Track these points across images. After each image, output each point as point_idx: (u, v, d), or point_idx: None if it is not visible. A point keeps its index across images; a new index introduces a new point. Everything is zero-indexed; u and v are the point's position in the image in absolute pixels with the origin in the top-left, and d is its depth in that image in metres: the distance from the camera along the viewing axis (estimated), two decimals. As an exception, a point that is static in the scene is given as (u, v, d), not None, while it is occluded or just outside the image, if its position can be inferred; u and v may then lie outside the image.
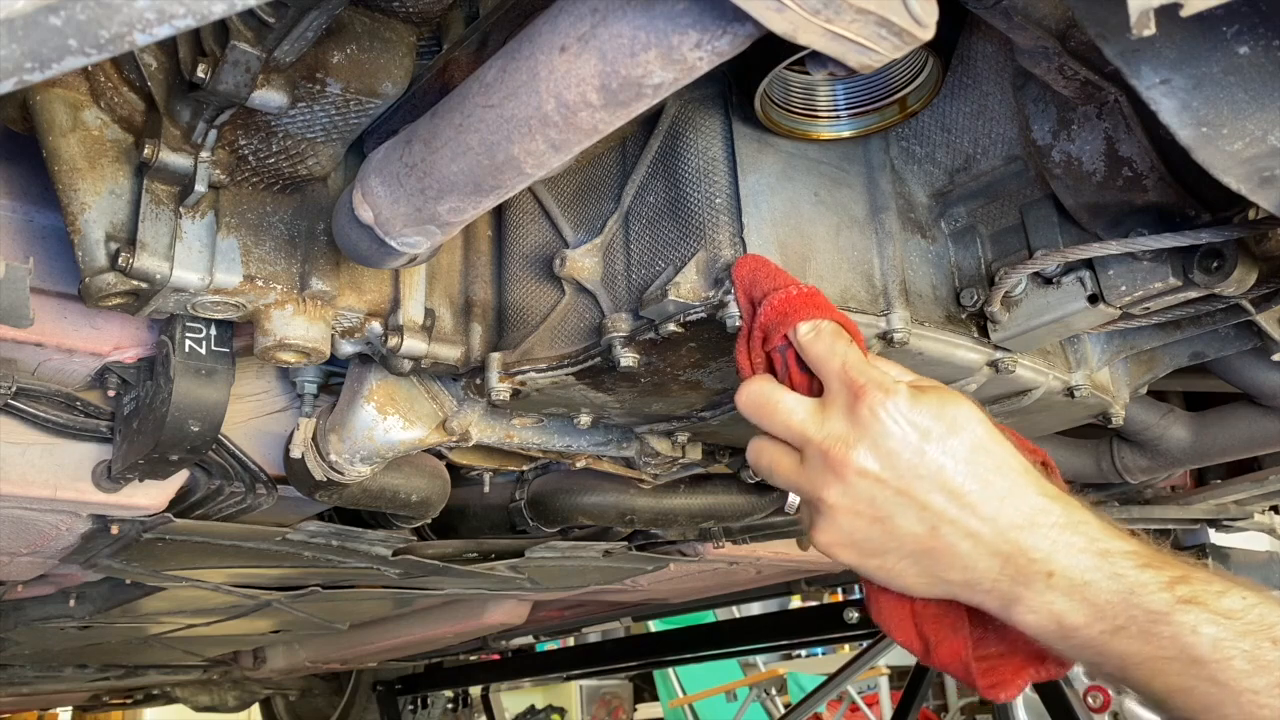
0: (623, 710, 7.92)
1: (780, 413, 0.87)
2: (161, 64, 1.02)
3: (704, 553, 2.32)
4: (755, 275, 0.93)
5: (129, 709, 6.05)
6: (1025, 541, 0.80)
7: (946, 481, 0.81)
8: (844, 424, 0.83)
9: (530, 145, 0.80)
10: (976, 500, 0.81)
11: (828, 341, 0.87)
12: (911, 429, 0.82)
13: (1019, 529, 0.81)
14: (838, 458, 0.83)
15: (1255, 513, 2.31)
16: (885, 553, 0.85)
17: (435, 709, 4.96)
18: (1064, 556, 0.80)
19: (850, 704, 6.44)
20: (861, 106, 1.07)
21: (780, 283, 0.92)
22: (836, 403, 0.85)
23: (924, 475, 0.81)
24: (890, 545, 0.84)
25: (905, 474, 0.82)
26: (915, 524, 0.82)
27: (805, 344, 0.87)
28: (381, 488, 1.51)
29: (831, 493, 0.83)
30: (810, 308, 0.89)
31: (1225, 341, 1.36)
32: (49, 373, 1.35)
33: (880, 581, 0.88)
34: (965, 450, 0.82)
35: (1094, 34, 0.73)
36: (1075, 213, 1.08)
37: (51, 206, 1.22)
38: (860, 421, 0.82)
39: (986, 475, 0.82)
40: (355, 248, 1.00)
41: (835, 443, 0.83)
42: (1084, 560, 0.79)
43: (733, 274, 0.95)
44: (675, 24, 0.67)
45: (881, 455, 0.82)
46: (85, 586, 2.29)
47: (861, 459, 0.82)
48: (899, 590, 0.87)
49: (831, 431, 0.84)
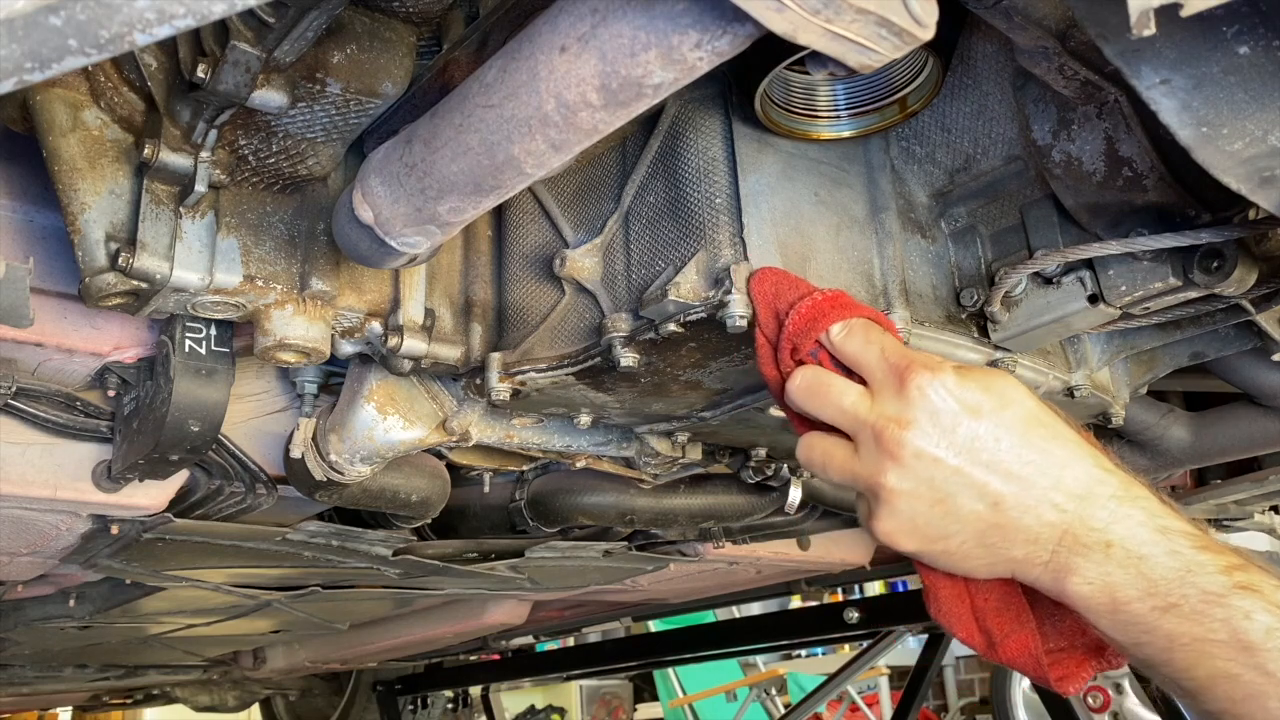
0: (623, 710, 7.92)
1: (833, 395, 0.85)
2: (161, 64, 1.02)
3: (704, 553, 2.32)
4: (778, 287, 0.93)
5: (129, 709, 6.05)
6: (1084, 511, 0.79)
7: (1003, 455, 0.80)
8: (895, 405, 0.82)
9: (530, 145, 0.80)
10: (1034, 472, 0.80)
11: (861, 335, 0.86)
12: (961, 405, 0.80)
13: (1078, 499, 0.79)
14: (892, 439, 0.81)
15: (1255, 513, 2.31)
16: (948, 535, 0.83)
17: (435, 709, 4.95)
18: (1122, 528, 0.78)
19: (850, 704, 6.44)
20: (861, 106, 1.07)
21: (804, 290, 0.91)
22: (884, 387, 0.83)
23: (980, 450, 0.80)
24: (953, 527, 0.82)
25: (961, 450, 0.80)
26: (975, 501, 0.81)
27: (839, 343, 0.86)
28: (381, 488, 1.51)
29: (889, 477, 0.82)
30: (838, 309, 0.89)
31: (1225, 341, 1.36)
32: (49, 373, 1.35)
33: (944, 567, 0.86)
34: (1019, 423, 0.81)
35: (1094, 34, 0.73)
36: (1075, 213, 1.08)
37: (51, 206, 1.22)
38: (910, 401, 0.81)
39: (1043, 445, 0.81)
40: (355, 248, 1.00)
41: (888, 423, 0.81)
42: (1142, 533, 0.78)
43: (751, 289, 0.94)
44: (675, 24, 0.67)
45: (936, 433, 0.80)
46: (85, 586, 2.29)
47: (916, 438, 0.80)
48: (963, 574, 0.86)
49: (884, 412, 0.82)
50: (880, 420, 0.82)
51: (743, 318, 0.98)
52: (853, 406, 0.84)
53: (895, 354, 0.84)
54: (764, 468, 1.64)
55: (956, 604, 0.87)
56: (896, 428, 0.81)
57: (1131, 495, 0.80)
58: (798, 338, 0.89)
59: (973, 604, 0.87)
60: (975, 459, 0.80)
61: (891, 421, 0.81)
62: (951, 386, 0.81)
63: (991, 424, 0.80)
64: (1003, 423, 0.81)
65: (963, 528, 0.82)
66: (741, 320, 0.98)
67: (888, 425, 0.81)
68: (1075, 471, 0.80)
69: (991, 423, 0.80)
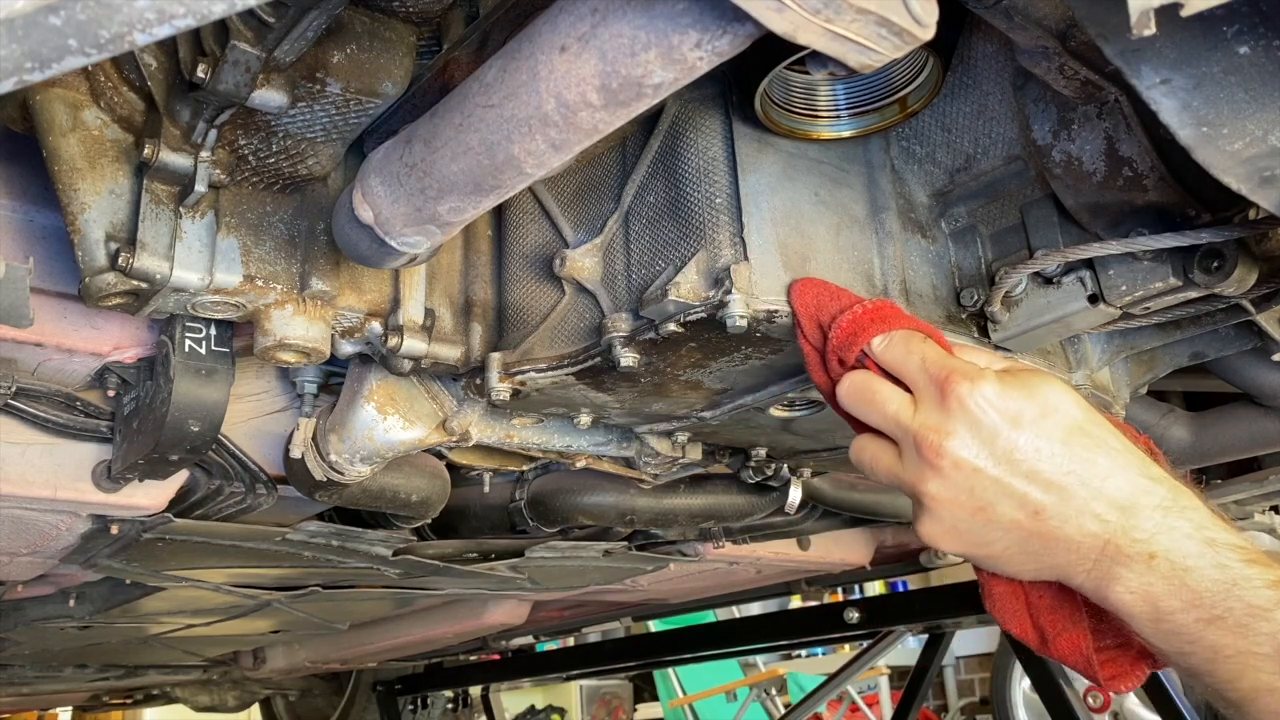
0: (623, 710, 7.92)
1: (878, 401, 0.87)
2: (161, 64, 1.02)
3: (704, 553, 2.32)
4: (819, 299, 0.94)
5: (129, 709, 6.05)
6: (1128, 522, 0.79)
7: (1043, 465, 0.80)
8: (936, 415, 0.83)
9: (530, 145, 0.80)
10: (1075, 482, 0.80)
11: (901, 346, 0.87)
12: (1001, 415, 0.81)
13: (1122, 510, 0.79)
14: (932, 448, 0.82)
15: (1255, 513, 2.31)
16: (991, 542, 0.84)
17: (435, 709, 4.95)
18: (1167, 539, 0.78)
19: (850, 704, 6.44)
20: (862, 106, 1.07)
21: (846, 302, 0.92)
22: (926, 396, 0.84)
23: (1019, 460, 0.80)
24: (994, 534, 0.83)
25: (1000, 461, 0.81)
26: (1015, 510, 0.81)
27: (880, 354, 0.88)
28: (381, 488, 1.51)
29: (930, 485, 0.83)
30: (880, 322, 0.90)
31: (1225, 341, 1.36)
32: (49, 373, 1.35)
33: (990, 568, 0.88)
34: (1061, 431, 0.81)
35: (1094, 34, 0.73)
36: (1075, 213, 1.08)
37: (51, 206, 1.22)
38: (950, 412, 0.82)
39: (1085, 454, 0.81)
40: (355, 247, 1.00)
41: (928, 433, 0.82)
42: (1188, 545, 0.78)
43: (792, 301, 0.95)
44: (675, 24, 0.67)
45: (974, 444, 0.81)
46: (85, 586, 2.29)
47: (955, 449, 0.81)
48: (1008, 575, 0.87)
49: (925, 421, 0.83)
50: (921, 430, 0.83)
51: (742, 318, 0.98)
52: (896, 414, 0.85)
53: (935, 364, 0.84)
54: (764, 468, 1.64)
55: (1011, 600, 0.89)
56: (936, 437, 0.82)
57: (1179, 505, 0.80)
58: (841, 350, 0.91)
59: (1027, 600, 0.88)
60: (1015, 469, 0.81)
61: (931, 431, 0.83)
62: (991, 396, 0.81)
63: (1032, 433, 0.81)
64: (1043, 432, 0.81)
65: (1004, 535, 0.83)
66: (741, 320, 0.98)
67: (928, 435, 0.83)
68: (1118, 481, 0.80)
69: (1032, 432, 0.81)
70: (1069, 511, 0.80)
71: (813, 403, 1.28)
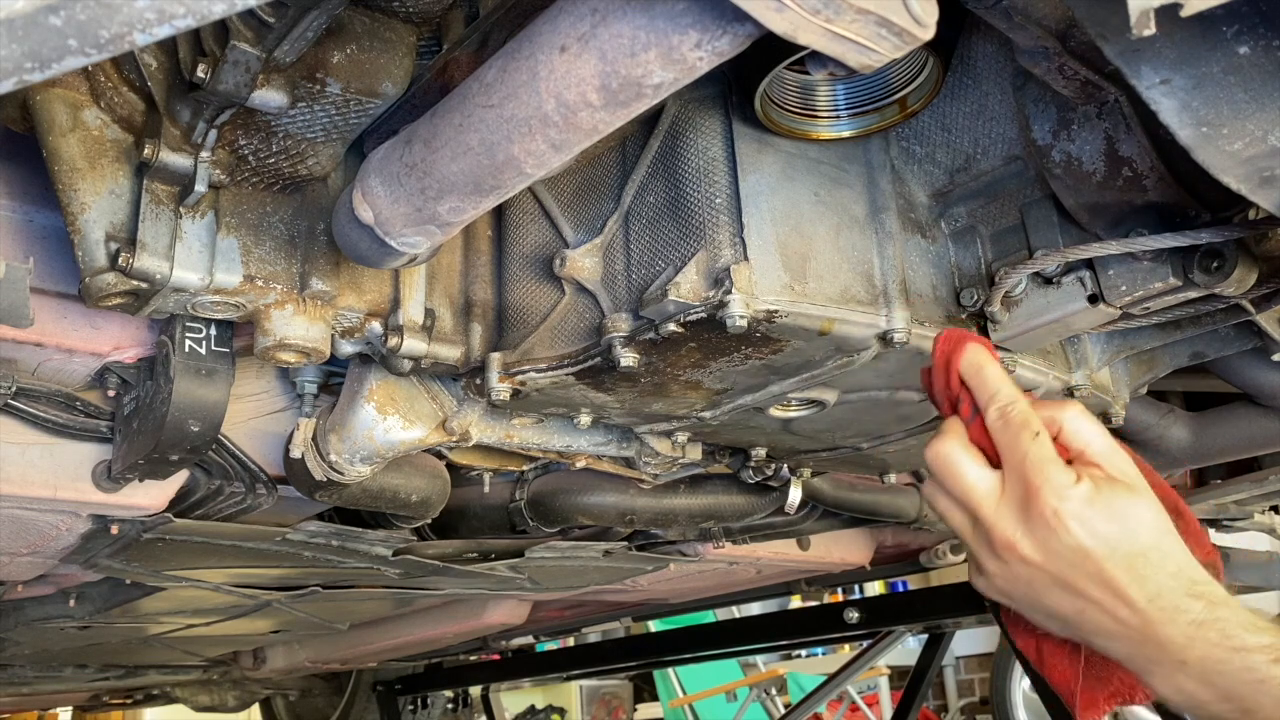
0: (623, 710, 7.92)
1: (962, 482, 0.91)
2: (161, 64, 1.02)
3: (704, 553, 2.32)
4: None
5: (129, 709, 6.04)
6: (1163, 634, 0.85)
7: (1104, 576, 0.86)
8: (1015, 515, 0.88)
9: (530, 145, 0.80)
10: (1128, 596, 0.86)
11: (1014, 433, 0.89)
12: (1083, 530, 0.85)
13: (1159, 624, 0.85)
14: (1003, 542, 0.88)
15: (1255, 513, 2.32)
16: (1034, 612, 0.92)
17: (435, 709, 4.95)
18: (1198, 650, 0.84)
19: (850, 704, 6.44)
20: (861, 106, 1.07)
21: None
22: (1013, 492, 0.88)
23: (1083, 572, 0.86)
24: (1038, 609, 0.91)
25: (1065, 569, 0.87)
26: (1064, 603, 0.88)
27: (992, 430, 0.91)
28: (381, 488, 1.51)
29: (991, 565, 0.90)
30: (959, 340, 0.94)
31: (1225, 341, 1.36)
32: (49, 373, 1.35)
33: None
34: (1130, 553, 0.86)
35: (1094, 34, 0.73)
36: (1075, 213, 1.08)
37: (51, 206, 1.22)
38: (1031, 519, 0.87)
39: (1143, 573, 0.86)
40: (355, 248, 1.00)
41: (1003, 530, 0.88)
42: (1217, 654, 0.84)
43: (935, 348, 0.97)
44: (675, 24, 0.67)
45: (1045, 553, 0.87)
46: (85, 586, 2.29)
47: (1025, 550, 0.87)
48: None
49: (1002, 517, 0.88)
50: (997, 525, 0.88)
51: (742, 318, 0.98)
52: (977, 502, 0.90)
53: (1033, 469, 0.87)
54: (764, 468, 1.64)
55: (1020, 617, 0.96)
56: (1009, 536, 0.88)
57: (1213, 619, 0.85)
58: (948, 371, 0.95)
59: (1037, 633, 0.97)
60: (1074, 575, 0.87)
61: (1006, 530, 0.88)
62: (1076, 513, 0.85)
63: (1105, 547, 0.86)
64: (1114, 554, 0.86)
65: (1048, 617, 0.91)
66: (741, 320, 0.98)
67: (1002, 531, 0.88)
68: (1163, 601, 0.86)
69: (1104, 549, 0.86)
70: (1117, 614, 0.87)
71: (812, 403, 1.28)
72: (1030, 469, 0.87)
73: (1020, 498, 0.87)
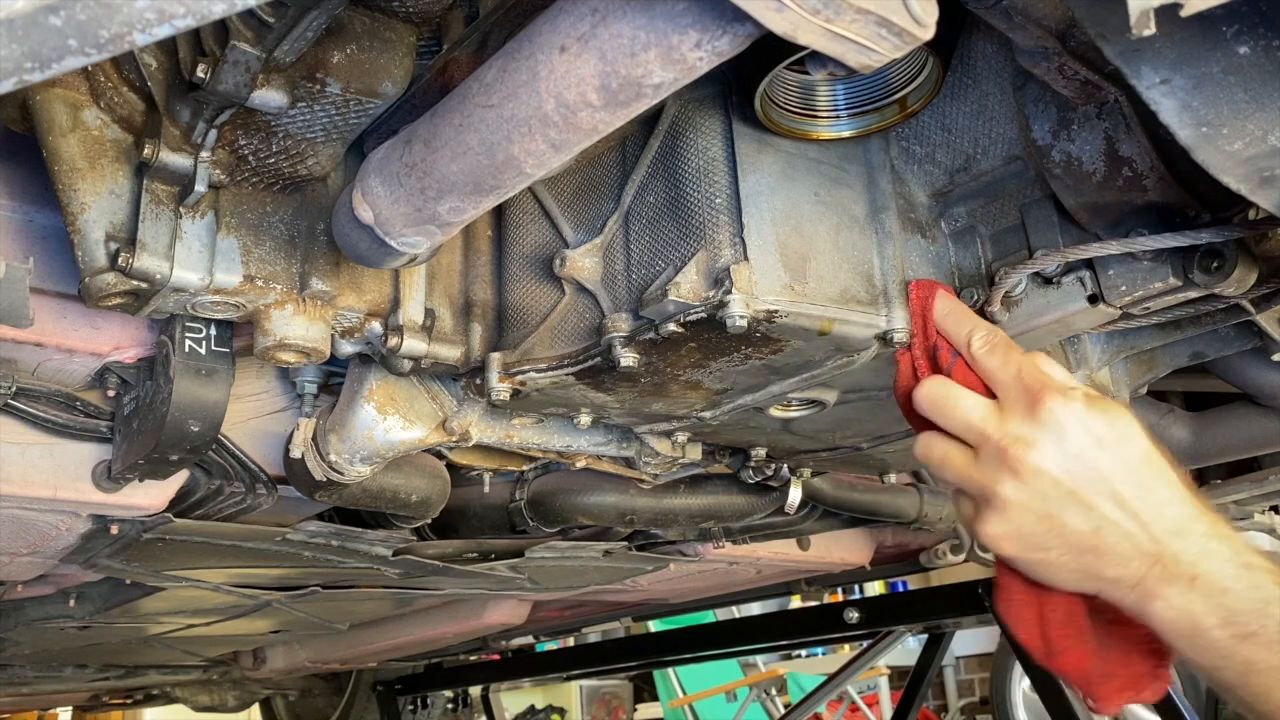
0: (623, 710, 7.92)
1: (960, 410, 0.92)
2: (161, 64, 1.02)
3: (704, 553, 2.32)
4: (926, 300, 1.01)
5: (129, 709, 6.04)
6: (1176, 545, 0.86)
7: (1114, 485, 0.87)
8: (1023, 425, 0.89)
9: (530, 145, 0.80)
10: (1139, 505, 0.87)
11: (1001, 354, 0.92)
12: (1087, 434, 0.87)
13: (1172, 534, 0.86)
14: (1016, 455, 0.88)
15: (1255, 513, 2.31)
16: (1049, 548, 0.90)
17: (435, 709, 4.95)
18: (1209, 563, 0.85)
19: (850, 704, 6.44)
20: (861, 106, 1.07)
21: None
22: (1016, 406, 0.90)
23: (1095, 478, 0.87)
24: (1054, 541, 0.89)
25: (1079, 475, 0.87)
26: (1081, 522, 0.87)
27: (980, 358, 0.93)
28: (381, 488, 1.51)
29: (1006, 488, 0.89)
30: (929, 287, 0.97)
31: (1225, 341, 1.36)
32: (49, 373, 1.35)
33: (1034, 575, 0.93)
34: (1133, 458, 0.88)
35: (1094, 34, 0.73)
36: (1075, 213, 1.08)
37: (51, 206, 1.22)
38: (1040, 423, 0.88)
39: (1149, 482, 0.88)
40: (355, 248, 1.00)
41: (1014, 441, 0.88)
42: (1227, 569, 0.85)
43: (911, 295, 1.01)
44: (675, 24, 0.67)
45: (1059, 455, 0.87)
46: (85, 586, 2.29)
47: (1040, 458, 0.87)
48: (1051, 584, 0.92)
49: (1010, 430, 0.89)
50: (1007, 438, 0.89)
51: (742, 318, 0.98)
52: (981, 422, 0.91)
53: (1030, 376, 0.90)
54: (764, 468, 1.64)
55: (1025, 609, 0.94)
56: (1022, 446, 0.88)
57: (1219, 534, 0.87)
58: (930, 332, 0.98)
59: (1040, 611, 0.94)
60: (1089, 485, 0.87)
61: (1018, 440, 0.88)
62: (1080, 415, 0.87)
63: (1110, 456, 0.87)
64: (1119, 456, 0.87)
65: (1063, 543, 0.89)
66: (741, 320, 0.98)
67: (1014, 443, 0.88)
68: (1174, 510, 0.87)
69: (1110, 454, 0.87)
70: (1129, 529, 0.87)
71: (812, 403, 1.28)
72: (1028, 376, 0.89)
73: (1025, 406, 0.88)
